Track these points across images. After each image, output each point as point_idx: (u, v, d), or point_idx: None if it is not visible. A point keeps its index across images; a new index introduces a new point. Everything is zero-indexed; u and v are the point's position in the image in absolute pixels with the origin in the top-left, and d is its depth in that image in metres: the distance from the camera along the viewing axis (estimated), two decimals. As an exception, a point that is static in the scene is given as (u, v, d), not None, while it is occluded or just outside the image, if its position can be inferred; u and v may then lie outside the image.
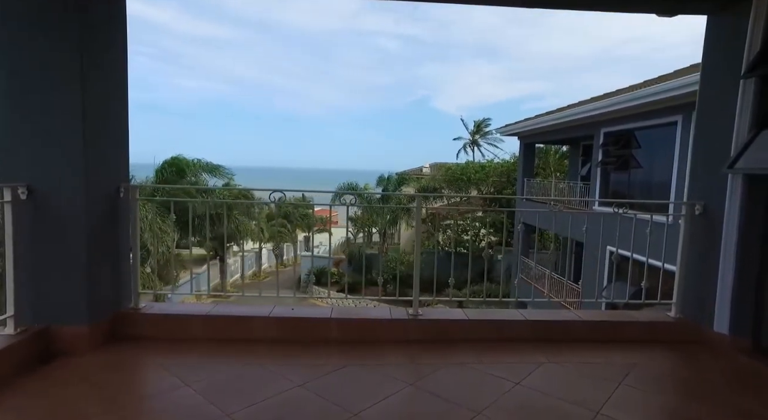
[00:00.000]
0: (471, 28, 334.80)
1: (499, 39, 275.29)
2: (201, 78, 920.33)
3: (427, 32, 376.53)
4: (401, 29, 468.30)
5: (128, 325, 3.21)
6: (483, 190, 24.88)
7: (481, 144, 48.74)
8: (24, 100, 2.77)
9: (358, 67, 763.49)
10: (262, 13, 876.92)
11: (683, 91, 8.39)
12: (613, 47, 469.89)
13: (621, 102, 10.52)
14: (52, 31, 2.73)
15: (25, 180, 2.78)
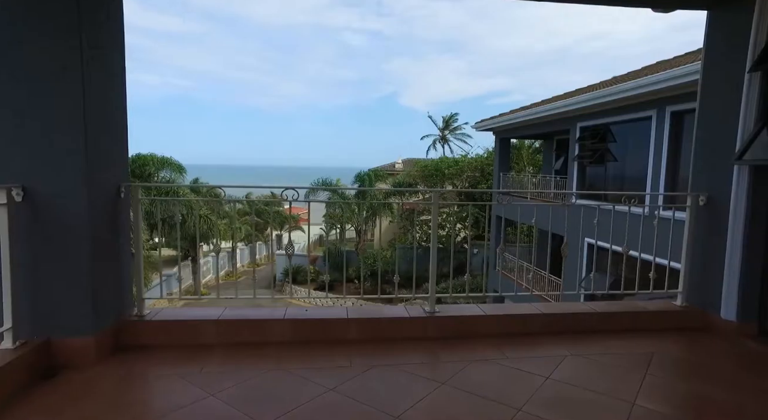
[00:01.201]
0: (435, 23, 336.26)
1: (463, 34, 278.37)
2: (163, 74, 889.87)
3: (392, 27, 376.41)
4: (366, 24, 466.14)
5: (133, 333, 3.03)
6: (458, 184, 25.14)
7: (450, 139, 49.30)
8: (20, 95, 2.55)
9: (324, 62, 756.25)
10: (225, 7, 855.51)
11: (659, 86, 8.68)
12: (574, 44, 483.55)
13: (598, 97, 10.80)
14: (51, 24, 2.52)
15: (20, 181, 2.55)
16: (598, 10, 24.03)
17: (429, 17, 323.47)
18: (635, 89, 9.35)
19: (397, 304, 3.50)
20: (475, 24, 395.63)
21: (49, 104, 2.56)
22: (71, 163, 2.61)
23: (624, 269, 3.66)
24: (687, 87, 8.15)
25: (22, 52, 2.51)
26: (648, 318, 3.57)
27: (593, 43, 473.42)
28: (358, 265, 21.79)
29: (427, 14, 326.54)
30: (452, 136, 49.39)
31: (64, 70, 2.55)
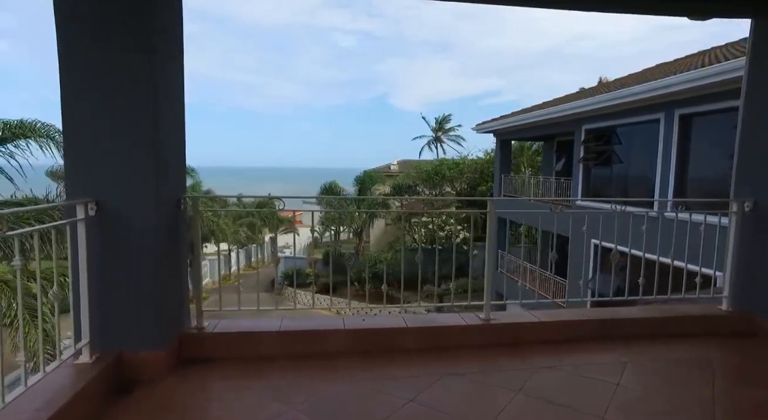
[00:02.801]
0: (425, 24, 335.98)
1: (454, 35, 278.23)
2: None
3: (383, 28, 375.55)
4: (357, 25, 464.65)
5: (195, 346, 3.00)
6: (457, 186, 25.26)
7: (444, 141, 49.45)
8: (90, 106, 2.52)
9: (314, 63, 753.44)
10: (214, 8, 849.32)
11: (672, 89, 8.82)
12: (564, 44, 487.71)
13: (606, 100, 10.93)
14: (123, 35, 2.50)
15: (92, 195, 2.53)
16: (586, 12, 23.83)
17: (419, 18, 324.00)
18: (647, 92, 9.48)
19: (445, 311, 3.50)
20: (465, 25, 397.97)
21: (121, 111, 2.54)
22: (139, 178, 2.59)
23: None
24: (700, 90, 8.30)
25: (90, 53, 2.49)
26: (694, 323, 3.63)
27: (582, 44, 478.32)
28: (357, 268, 21.76)
29: (418, 15, 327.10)
30: (446, 138, 49.56)
31: (137, 91, 2.54)
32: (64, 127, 2.54)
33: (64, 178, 2.60)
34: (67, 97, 2.49)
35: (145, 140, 2.57)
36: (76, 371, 2.37)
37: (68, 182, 2.59)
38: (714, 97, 8.37)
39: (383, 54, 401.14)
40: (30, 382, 2.06)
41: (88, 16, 2.44)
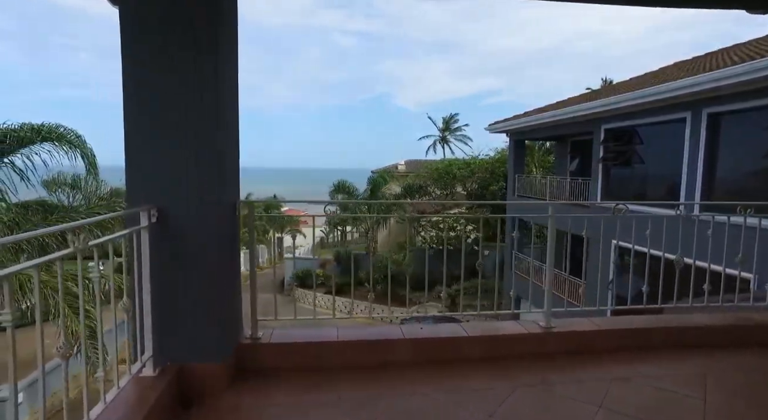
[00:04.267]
0: (425, 24, 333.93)
1: (453, 34, 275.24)
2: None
3: (382, 28, 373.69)
4: (356, 26, 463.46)
5: (252, 356, 2.89)
6: (468, 186, 25.10)
7: (450, 140, 49.32)
8: (151, 109, 2.43)
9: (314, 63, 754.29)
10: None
11: (702, 87, 8.65)
12: (563, 44, 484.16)
13: (629, 99, 10.76)
14: (188, 46, 2.42)
15: (152, 201, 2.42)
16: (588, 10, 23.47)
17: (419, 18, 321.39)
18: (675, 90, 9.31)
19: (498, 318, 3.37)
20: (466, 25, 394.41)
21: (184, 128, 2.46)
22: (198, 184, 2.49)
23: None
24: (733, 88, 8.13)
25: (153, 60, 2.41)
26: (762, 332, 3.48)
27: (580, 43, 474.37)
28: (368, 269, 21.66)
29: (417, 15, 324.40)
30: (452, 137, 49.44)
31: (200, 102, 2.45)
32: (127, 136, 2.44)
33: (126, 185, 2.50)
34: (130, 109, 2.42)
35: (204, 147, 2.49)
36: (144, 385, 2.26)
37: (128, 189, 2.49)
38: (746, 95, 8.21)
39: (383, 54, 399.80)
40: (108, 398, 1.96)
41: (153, 31, 2.39)
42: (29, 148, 8.21)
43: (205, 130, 2.48)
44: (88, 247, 1.77)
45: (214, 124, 2.50)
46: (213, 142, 2.51)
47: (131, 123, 2.44)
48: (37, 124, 8.30)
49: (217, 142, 2.53)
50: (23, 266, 1.41)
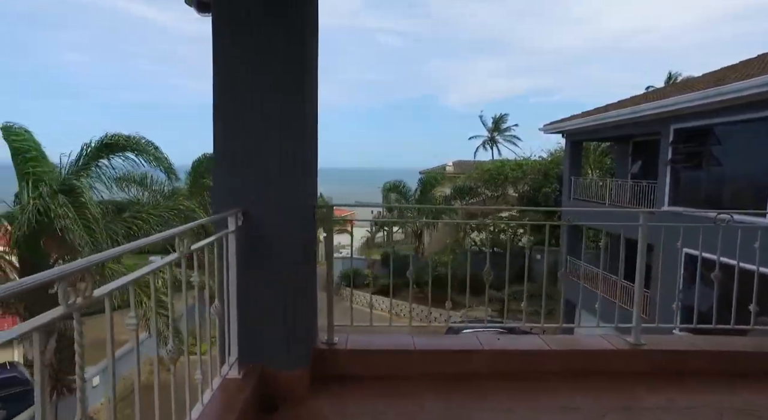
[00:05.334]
0: (472, 22, 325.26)
1: (501, 33, 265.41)
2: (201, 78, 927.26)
3: (428, 28, 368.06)
4: (402, 26, 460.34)
5: (327, 362, 2.87)
6: (519, 188, 24.39)
7: (499, 141, 48.24)
8: (241, 114, 2.47)
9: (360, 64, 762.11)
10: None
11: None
12: (617, 40, 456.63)
13: (706, 96, 9.98)
14: (279, 57, 2.46)
15: (237, 204, 2.44)
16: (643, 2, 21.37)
17: (465, 17, 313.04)
18: (756, 87, 8.55)
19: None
20: (513, 22, 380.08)
21: (271, 133, 2.50)
22: (279, 187, 2.51)
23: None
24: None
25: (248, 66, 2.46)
26: None
27: (638, 39, 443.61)
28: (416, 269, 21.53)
29: (464, 14, 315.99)
30: (501, 138, 48.37)
31: (288, 108, 2.48)
32: (216, 140, 2.50)
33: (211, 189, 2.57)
34: (219, 114, 2.48)
35: (289, 151, 2.51)
36: (231, 387, 2.28)
37: (214, 192, 2.54)
38: None
39: (430, 54, 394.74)
40: (205, 399, 1.99)
41: (245, 40, 2.44)
42: (117, 154, 8.87)
43: (290, 135, 2.50)
44: (190, 251, 1.79)
45: (300, 130, 2.53)
46: (297, 147, 2.53)
47: (220, 127, 2.48)
48: (125, 135, 8.94)
49: (300, 146, 2.54)
50: (142, 273, 1.43)
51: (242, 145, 2.49)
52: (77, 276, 1.08)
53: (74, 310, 1.08)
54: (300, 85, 2.51)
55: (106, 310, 1.23)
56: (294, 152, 2.53)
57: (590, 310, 7.58)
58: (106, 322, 1.21)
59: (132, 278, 1.37)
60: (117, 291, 1.27)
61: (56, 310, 1.05)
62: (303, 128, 2.57)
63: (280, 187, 2.52)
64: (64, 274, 1.04)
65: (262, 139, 2.49)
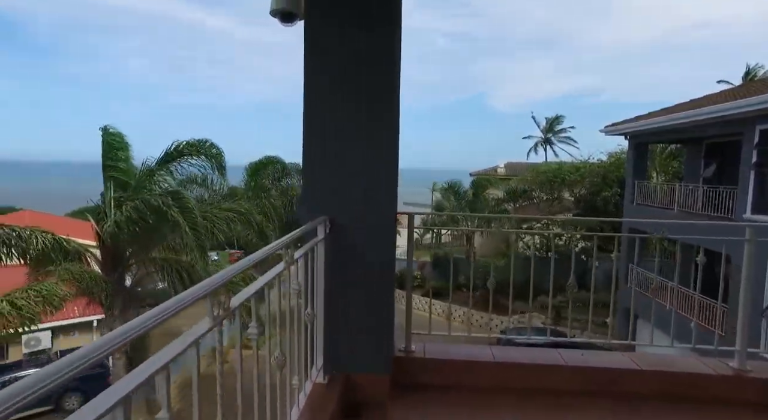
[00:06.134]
0: (521, 20, 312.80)
1: (556, 31, 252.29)
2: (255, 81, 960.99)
3: (480, 28, 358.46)
4: (451, 26, 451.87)
5: (405, 370, 2.85)
6: (576, 191, 23.42)
7: (554, 142, 46.63)
8: (330, 123, 2.52)
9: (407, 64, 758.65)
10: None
11: None
12: (673, 34, 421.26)
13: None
14: (371, 79, 2.54)
15: (324, 212, 2.49)
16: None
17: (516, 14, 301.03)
18: None
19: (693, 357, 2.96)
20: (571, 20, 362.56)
21: (357, 140, 2.57)
22: (364, 194, 2.56)
23: None
24: None
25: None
26: None
27: (698, 33, 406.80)
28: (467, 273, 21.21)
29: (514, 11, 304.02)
30: (556, 139, 46.75)
31: (374, 116, 2.55)
32: (305, 147, 2.56)
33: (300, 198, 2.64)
34: (309, 122, 2.54)
35: (375, 159, 2.56)
36: (318, 392, 2.32)
37: (303, 201, 2.60)
38: None
39: (478, 54, 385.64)
40: (301, 404, 2.03)
41: (337, 51, 2.51)
42: (185, 159, 9.40)
43: (376, 145, 2.56)
44: (294, 260, 1.84)
45: (386, 139, 2.57)
46: (382, 156, 2.57)
47: (309, 137, 2.55)
48: (194, 140, 9.46)
49: (385, 155, 2.57)
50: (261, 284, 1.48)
51: (331, 154, 2.54)
52: (221, 291, 1.12)
53: (219, 322, 1.12)
54: (389, 95, 2.54)
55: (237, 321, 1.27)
56: (379, 161, 2.57)
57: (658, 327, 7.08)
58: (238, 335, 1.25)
59: (256, 289, 1.41)
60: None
61: (204, 323, 1.09)
62: (389, 137, 2.58)
63: (365, 195, 2.56)
64: (211, 290, 1.08)
65: (349, 149, 2.54)
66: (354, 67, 2.50)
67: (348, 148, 2.55)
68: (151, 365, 0.88)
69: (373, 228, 2.58)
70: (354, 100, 2.53)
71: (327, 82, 2.52)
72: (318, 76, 2.53)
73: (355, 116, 2.55)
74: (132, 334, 0.82)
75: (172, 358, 0.92)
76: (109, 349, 0.75)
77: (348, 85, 2.52)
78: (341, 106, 2.54)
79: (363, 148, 2.56)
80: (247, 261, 1.38)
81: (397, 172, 2.98)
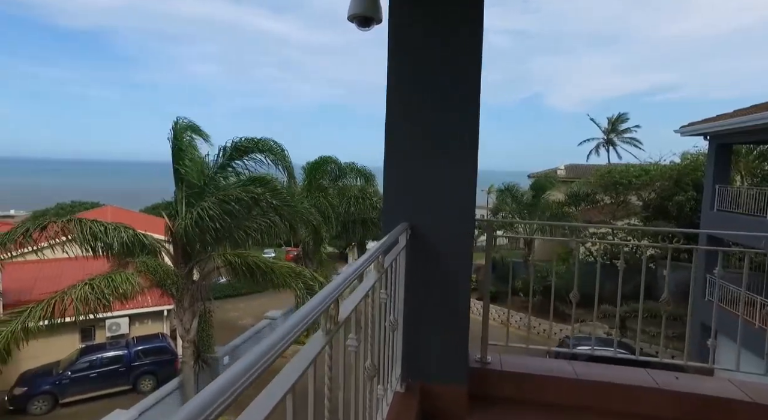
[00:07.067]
0: (584, 17, 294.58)
1: (617, 26, 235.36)
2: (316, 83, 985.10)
3: (537, 25, 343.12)
4: (508, 23, 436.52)
5: (480, 382, 2.77)
6: (644, 195, 21.97)
7: (617, 143, 44.08)
8: (412, 129, 2.49)
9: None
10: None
11: None
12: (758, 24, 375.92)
13: None
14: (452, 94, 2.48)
15: (405, 220, 2.45)
16: None
17: (577, 11, 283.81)
18: None
19: None
20: (631, 13, 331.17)
21: (441, 146, 2.52)
22: (443, 202, 2.50)
23: None
24: None
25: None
26: None
27: None
28: (524, 277, 20.51)
29: (576, 8, 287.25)
30: (619, 140, 44.20)
31: (457, 122, 2.51)
32: (387, 155, 2.55)
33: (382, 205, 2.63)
34: (394, 132, 2.53)
35: (457, 166, 2.51)
36: (400, 401, 2.30)
37: (385, 208, 2.59)
38: None
39: (537, 52, 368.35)
40: (384, 412, 2.02)
41: (420, 60, 2.47)
42: (249, 156, 9.76)
43: (457, 152, 2.50)
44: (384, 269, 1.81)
45: (466, 146, 2.50)
46: (463, 163, 2.51)
47: (391, 138, 2.53)
48: (255, 138, 9.81)
49: (466, 162, 2.51)
50: (361, 295, 1.46)
51: (412, 159, 2.51)
52: (333, 306, 1.11)
53: (331, 336, 1.11)
54: (471, 97, 2.46)
55: (341, 334, 1.26)
56: (460, 168, 2.51)
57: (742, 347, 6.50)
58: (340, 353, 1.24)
59: (359, 298, 1.40)
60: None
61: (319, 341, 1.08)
62: (470, 142, 2.51)
63: (444, 201, 2.51)
64: (324, 307, 1.07)
65: (431, 154, 2.49)
66: (438, 69, 2.45)
67: (429, 152, 2.50)
68: (279, 387, 0.87)
69: (452, 235, 2.53)
70: (439, 109, 2.48)
71: (410, 84, 2.49)
72: (401, 79, 2.50)
73: (438, 120, 2.50)
74: (278, 349, 0.82)
75: (299, 378, 0.91)
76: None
77: (431, 87, 2.47)
78: (425, 114, 2.50)
79: (444, 152, 2.51)
80: (352, 271, 1.37)
81: (476, 178, 2.91)
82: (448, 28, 2.44)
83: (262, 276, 9.71)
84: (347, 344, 1.42)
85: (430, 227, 2.50)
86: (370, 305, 1.63)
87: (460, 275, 2.57)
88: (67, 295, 8.26)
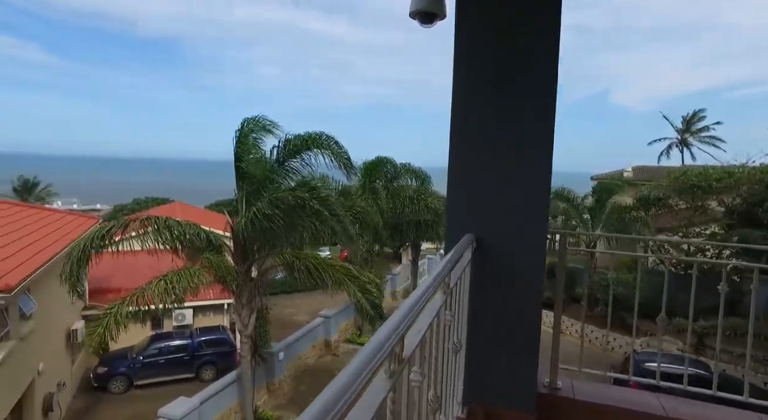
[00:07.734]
0: (651, 9, 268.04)
1: (690, 18, 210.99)
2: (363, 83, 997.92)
3: (599, 19, 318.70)
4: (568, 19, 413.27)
5: (550, 410, 2.52)
6: (727, 201, 20.00)
7: (692, 143, 40.63)
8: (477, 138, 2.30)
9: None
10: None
11: None
12: None
13: None
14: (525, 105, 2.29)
15: (470, 230, 2.26)
16: None
17: (638, 4, 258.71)
18: None
19: None
20: (700, 6, 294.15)
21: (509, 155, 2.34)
22: (513, 213, 2.31)
23: None
24: None
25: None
26: None
27: None
28: (587, 285, 19.36)
29: (635, 1, 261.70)
30: (695, 140, 40.73)
31: (532, 146, 2.33)
32: (451, 164, 2.39)
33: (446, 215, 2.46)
34: (456, 139, 2.39)
35: (526, 177, 2.31)
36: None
37: (450, 218, 2.42)
38: None
39: (600, 48, 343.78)
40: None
41: (490, 65, 2.30)
42: (305, 152, 9.88)
43: (529, 162, 2.31)
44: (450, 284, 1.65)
45: (538, 157, 2.29)
46: (534, 174, 2.30)
47: (457, 143, 2.36)
48: (312, 133, 9.91)
49: (537, 174, 2.30)
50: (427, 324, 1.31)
51: (479, 165, 2.33)
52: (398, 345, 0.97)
53: (395, 379, 0.97)
54: (546, 112, 2.23)
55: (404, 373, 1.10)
56: (532, 174, 2.29)
57: None
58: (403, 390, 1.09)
59: (424, 328, 1.25)
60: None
61: (382, 385, 0.94)
62: (544, 148, 2.28)
63: (514, 211, 2.31)
64: (389, 348, 0.93)
65: (500, 160, 2.30)
66: (510, 67, 2.25)
67: (498, 158, 2.30)
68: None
69: (521, 248, 2.32)
70: (510, 119, 2.29)
71: (479, 85, 2.31)
72: (469, 80, 2.33)
73: (508, 124, 2.28)
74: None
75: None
76: None
77: (502, 88, 2.27)
78: (494, 122, 2.31)
79: (514, 159, 2.29)
80: (417, 299, 1.21)
81: (550, 186, 2.65)
82: (523, 28, 2.22)
83: (317, 275, 9.83)
84: (411, 379, 1.27)
85: (498, 239, 2.30)
86: (435, 331, 1.48)
87: (530, 290, 2.35)
88: (146, 291, 9.08)
